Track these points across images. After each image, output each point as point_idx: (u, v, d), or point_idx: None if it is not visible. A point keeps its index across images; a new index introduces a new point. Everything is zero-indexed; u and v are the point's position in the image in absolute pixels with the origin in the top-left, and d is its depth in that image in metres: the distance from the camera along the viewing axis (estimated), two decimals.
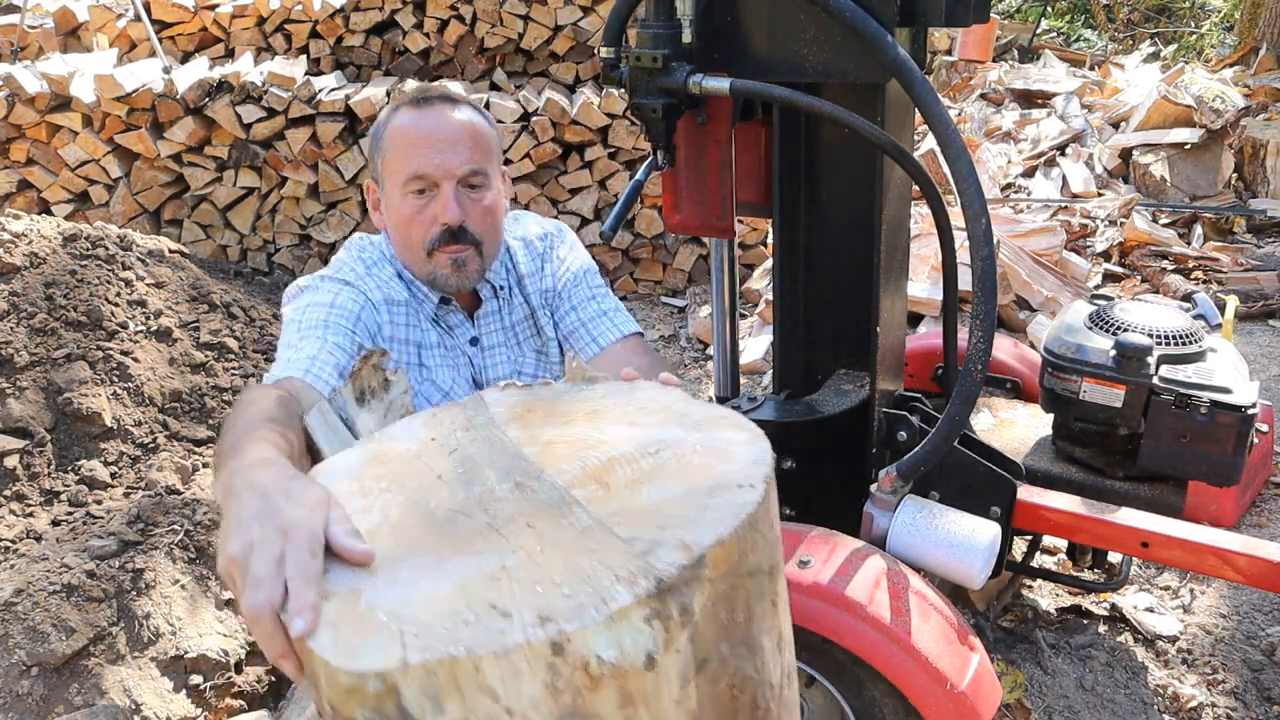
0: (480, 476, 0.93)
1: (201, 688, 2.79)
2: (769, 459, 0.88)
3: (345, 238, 5.27)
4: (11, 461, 3.14)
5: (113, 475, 3.31)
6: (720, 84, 1.63)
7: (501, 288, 1.83)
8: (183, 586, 2.90)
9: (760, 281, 4.87)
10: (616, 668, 0.73)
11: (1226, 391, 1.86)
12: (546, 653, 0.71)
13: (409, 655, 0.71)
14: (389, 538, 0.86)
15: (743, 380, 3.42)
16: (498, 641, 0.71)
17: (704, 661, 0.79)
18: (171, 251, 4.22)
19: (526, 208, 5.12)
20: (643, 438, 0.94)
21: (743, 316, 4.70)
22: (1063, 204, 5.27)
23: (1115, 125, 6.33)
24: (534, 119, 4.93)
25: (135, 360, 3.56)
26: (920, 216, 4.30)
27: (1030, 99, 7.04)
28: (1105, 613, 2.41)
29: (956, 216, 2.20)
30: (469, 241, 1.65)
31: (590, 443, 0.95)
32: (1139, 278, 4.64)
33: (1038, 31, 10.56)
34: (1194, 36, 10.70)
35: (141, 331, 3.68)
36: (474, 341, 1.84)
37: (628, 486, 0.87)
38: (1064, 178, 5.63)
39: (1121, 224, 4.97)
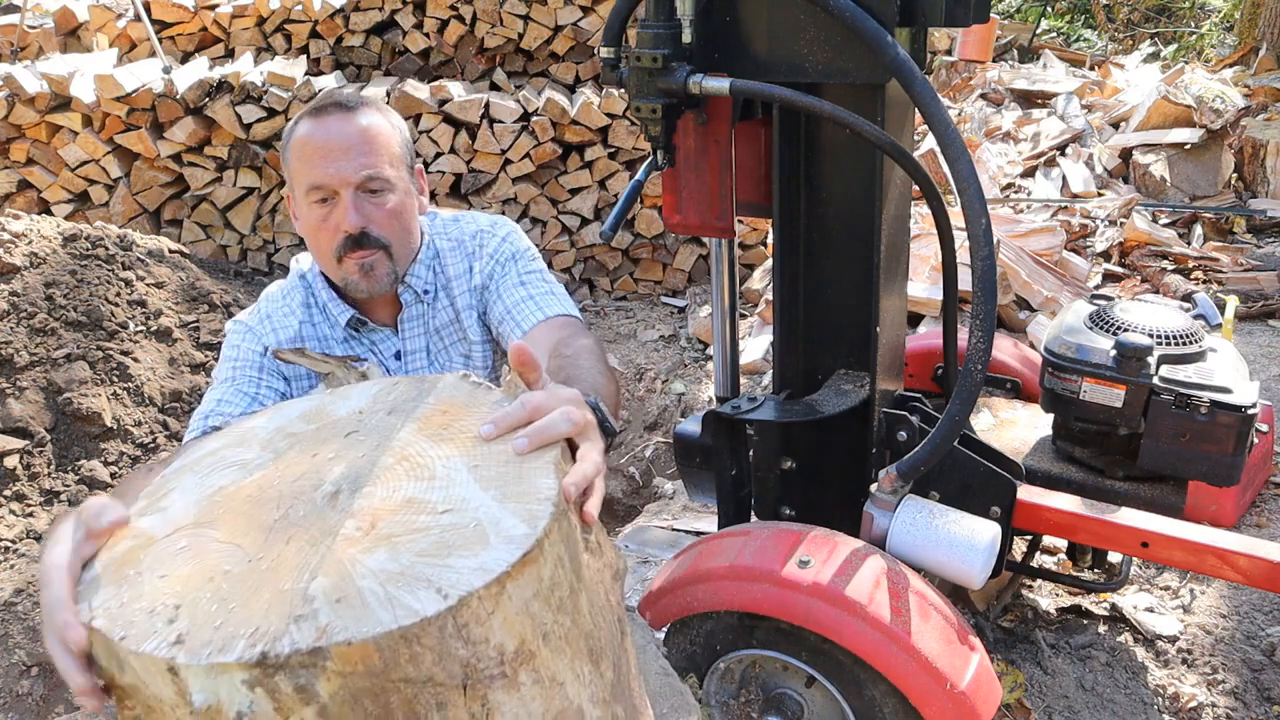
0: (333, 469, 0.98)
1: None
2: (509, 560, 0.85)
3: None
4: (11, 461, 3.13)
5: (113, 475, 3.31)
6: (720, 84, 1.63)
7: (426, 291, 1.80)
8: None
9: (760, 281, 4.87)
10: (204, 714, 0.79)
11: (1226, 391, 1.86)
12: (164, 669, 0.79)
13: (110, 631, 0.83)
14: (228, 502, 0.97)
15: (743, 380, 3.43)
16: (141, 641, 0.81)
17: None
18: (171, 251, 4.22)
19: (527, 208, 5.12)
20: (456, 489, 0.93)
21: (743, 316, 4.70)
22: (1063, 204, 5.27)
23: (1115, 125, 6.33)
24: (534, 119, 4.93)
25: (135, 360, 3.56)
26: (920, 216, 4.30)
27: (1030, 99, 7.04)
28: (1105, 613, 2.41)
29: (956, 216, 2.21)
30: (374, 246, 1.65)
31: (422, 473, 0.96)
32: (1139, 278, 4.64)
33: (1038, 31, 10.56)
34: (1194, 36, 10.70)
35: (141, 331, 3.68)
36: (397, 355, 1.83)
37: (383, 540, 0.88)
38: (1064, 178, 5.63)
39: (1121, 224, 4.97)
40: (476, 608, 0.83)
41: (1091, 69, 8.31)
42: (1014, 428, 2.29)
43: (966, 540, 1.70)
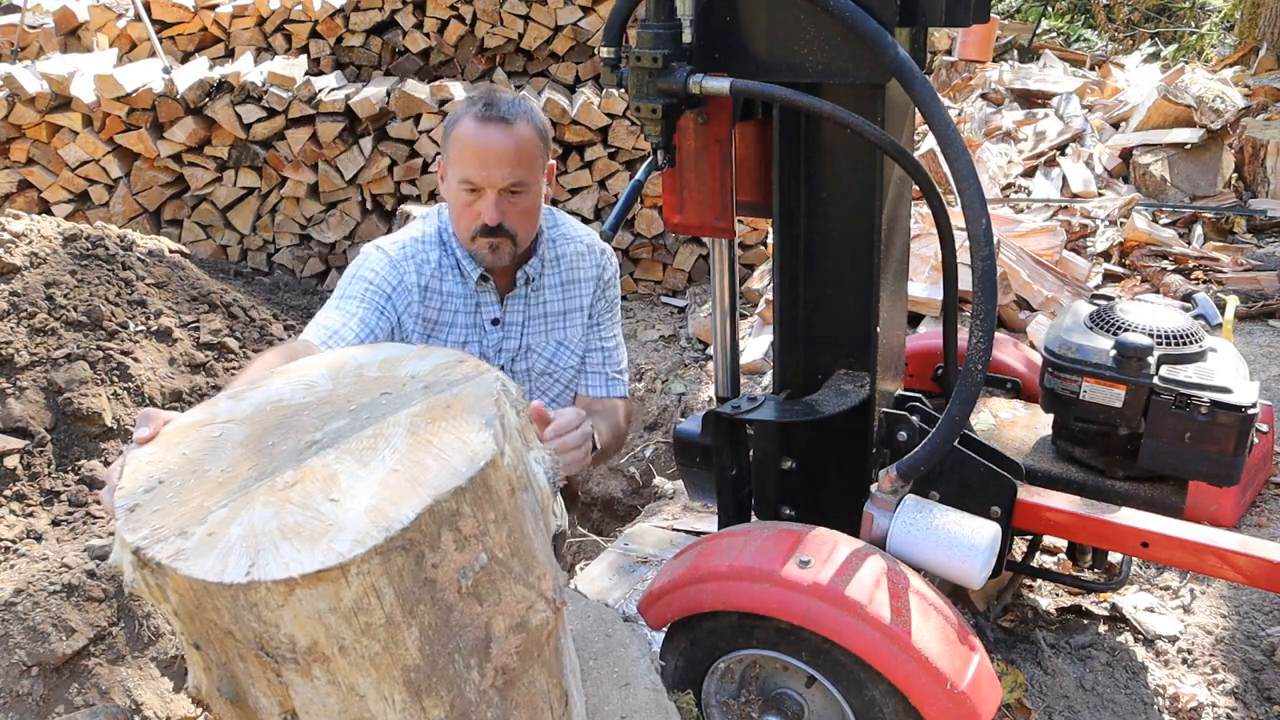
0: (337, 421, 1.11)
1: None
2: (303, 570, 0.93)
3: (345, 237, 5.27)
4: (11, 461, 3.13)
5: None
6: (720, 84, 1.63)
7: (532, 280, 2.12)
8: None
9: (760, 281, 4.87)
10: (113, 570, 1.07)
11: (1226, 391, 1.86)
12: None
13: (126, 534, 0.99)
14: (273, 413, 1.14)
15: (743, 380, 3.43)
16: (124, 497, 1.03)
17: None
18: (171, 251, 4.22)
19: None
20: (364, 484, 1.01)
21: (743, 316, 4.69)
22: (1063, 204, 5.27)
23: (1115, 125, 6.33)
24: None
25: (135, 360, 3.56)
26: (920, 216, 4.29)
27: (1030, 99, 7.04)
28: (1105, 613, 2.41)
29: (956, 216, 2.21)
30: (504, 235, 1.98)
31: (366, 456, 1.05)
32: (1139, 278, 4.64)
33: (1038, 31, 10.56)
34: (1194, 36, 10.70)
35: (141, 331, 3.68)
36: (494, 321, 2.15)
37: (283, 501, 1.00)
38: (1064, 178, 5.63)
39: (1121, 224, 4.97)
40: (266, 595, 0.92)
41: (1091, 69, 8.31)
42: (1014, 428, 2.29)
43: (966, 540, 1.69)
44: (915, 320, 4.04)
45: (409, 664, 1.00)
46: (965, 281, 2.41)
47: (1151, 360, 1.92)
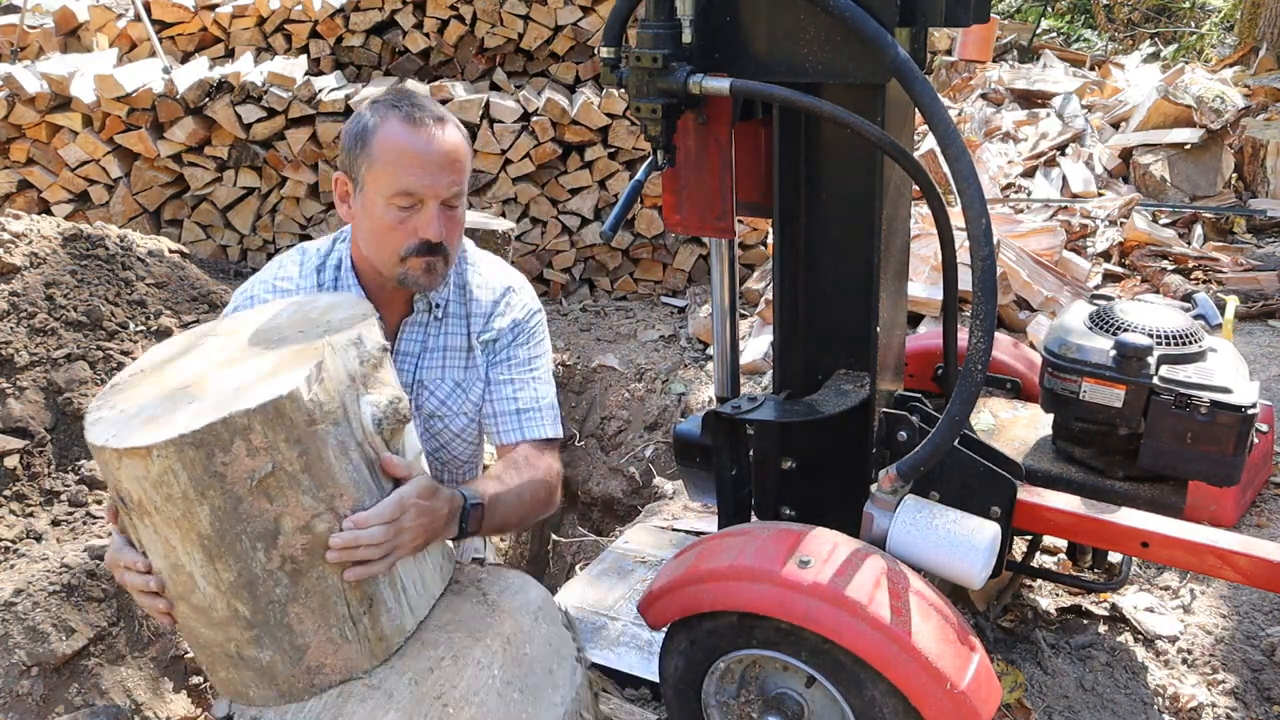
0: (257, 347, 1.44)
1: (202, 688, 2.79)
2: (123, 445, 1.27)
3: None
4: (11, 461, 3.13)
5: None
6: (720, 84, 1.63)
7: (438, 306, 1.86)
8: None
9: (760, 281, 4.87)
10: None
11: (1226, 391, 1.86)
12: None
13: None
14: (223, 335, 1.53)
15: (743, 380, 3.43)
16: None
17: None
18: (171, 251, 4.22)
19: (527, 207, 5.12)
20: (230, 379, 1.36)
21: (743, 316, 4.70)
22: (1063, 204, 5.27)
23: (1115, 125, 6.33)
24: (534, 119, 4.93)
25: (135, 360, 3.56)
26: (920, 216, 4.30)
27: (1030, 99, 7.04)
28: (1105, 613, 2.41)
29: (956, 216, 2.21)
30: (441, 252, 1.73)
31: (254, 361, 1.40)
32: (1139, 278, 4.64)
33: (1038, 31, 10.56)
34: (1194, 36, 10.70)
35: (141, 331, 3.68)
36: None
37: (192, 396, 1.34)
38: (1064, 178, 5.63)
39: (1121, 224, 4.97)
40: (108, 458, 1.28)
41: (1091, 69, 8.31)
42: (1014, 428, 2.29)
43: (966, 540, 1.69)
44: (915, 320, 4.04)
45: (203, 532, 1.31)
46: (965, 281, 2.40)
47: (1151, 360, 1.92)
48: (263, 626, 1.37)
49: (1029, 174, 5.83)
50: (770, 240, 3.93)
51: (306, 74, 5.13)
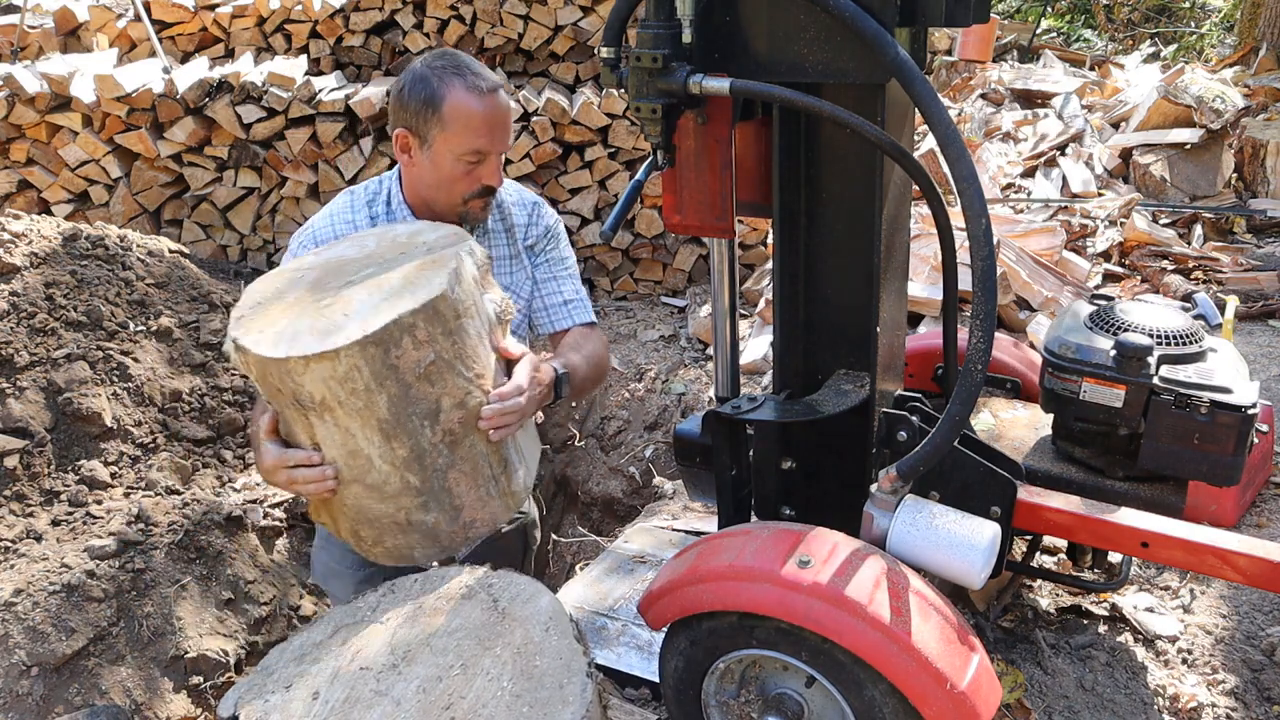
0: (366, 267, 1.70)
1: (201, 688, 2.79)
2: (313, 350, 1.52)
3: None
4: (11, 461, 3.13)
5: (113, 475, 3.31)
6: (720, 84, 1.63)
7: (478, 227, 2.20)
8: (183, 586, 2.90)
9: (760, 281, 4.87)
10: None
11: (1226, 391, 1.86)
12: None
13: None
14: (335, 263, 1.76)
15: (743, 380, 3.43)
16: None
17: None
18: (171, 251, 4.22)
19: None
20: (372, 300, 1.59)
21: (743, 316, 4.70)
22: (1063, 204, 5.27)
23: (1115, 125, 6.33)
24: (534, 119, 4.93)
25: (135, 360, 3.56)
26: (920, 216, 4.29)
27: (1030, 99, 7.04)
28: (1105, 613, 2.41)
29: (956, 216, 2.21)
30: (494, 193, 2.10)
31: (383, 287, 1.63)
32: (1139, 278, 4.64)
33: (1038, 31, 10.56)
34: (1194, 36, 10.71)
35: (141, 331, 3.68)
36: None
37: (330, 311, 1.59)
38: (1064, 178, 5.63)
39: (1121, 224, 4.97)
40: (293, 366, 1.51)
41: (1091, 69, 8.30)
42: (1014, 428, 2.29)
43: (966, 540, 1.69)
44: (915, 320, 4.04)
45: (381, 417, 1.58)
46: (965, 281, 2.41)
47: (1151, 360, 1.92)
48: (429, 493, 1.66)
49: (1029, 174, 5.83)
50: (770, 240, 3.93)
51: (306, 74, 5.13)
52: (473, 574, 1.63)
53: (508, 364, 1.78)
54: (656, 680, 1.96)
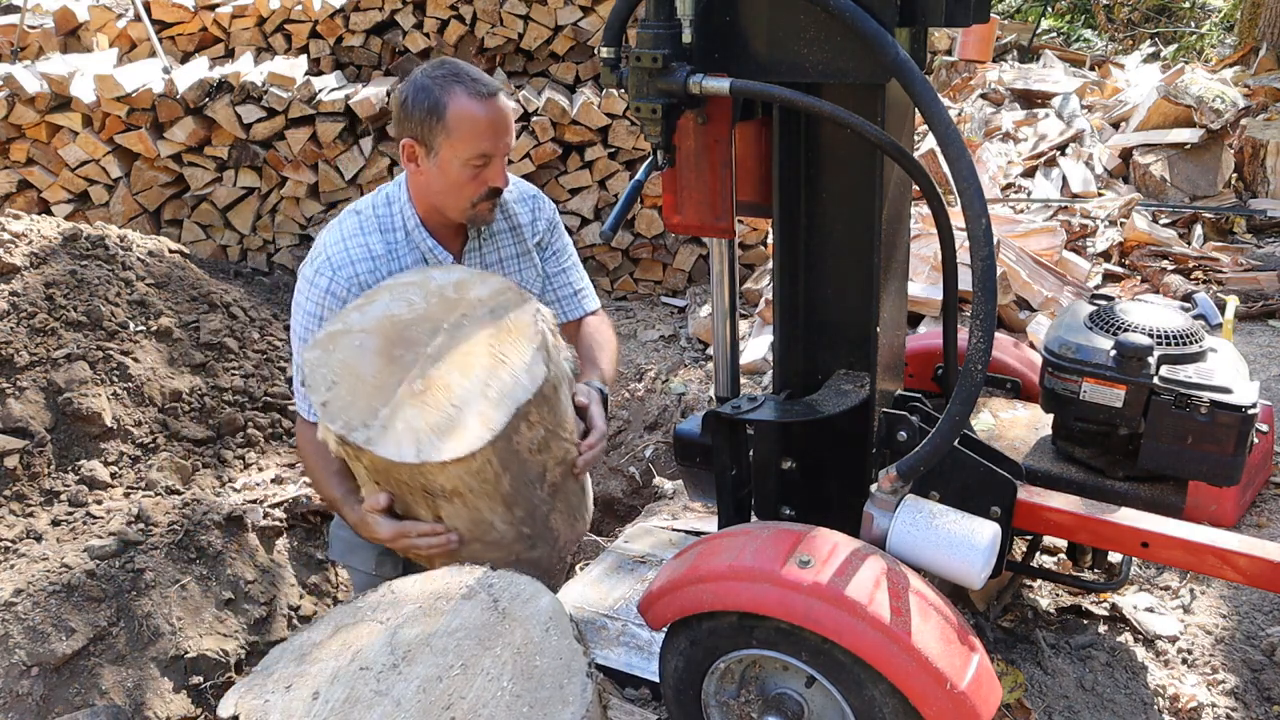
0: (437, 338, 1.79)
1: (201, 688, 2.79)
2: (454, 455, 1.64)
3: None
4: (11, 461, 3.13)
5: (113, 475, 3.31)
6: (720, 84, 1.63)
7: (484, 229, 2.24)
8: (183, 586, 2.90)
9: (760, 281, 4.87)
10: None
11: (1227, 391, 1.86)
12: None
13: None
14: (389, 325, 1.82)
15: (743, 380, 3.42)
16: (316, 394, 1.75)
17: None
18: (171, 251, 4.22)
19: None
20: (472, 386, 1.72)
21: (743, 316, 4.69)
22: (1063, 204, 5.27)
23: (1115, 125, 6.32)
24: (534, 119, 4.93)
25: (135, 360, 3.56)
26: (920, 216, 4.29)
27: (1030, 99, 7.04)
28: (1105, 613, 2.41)
29: (956, 216, 2.21)
30: (500, 194, 2.12)
31: (467, 369, 1.75)
32: (1139, 278, 4.64)
33: (1038, 31, 10.55)
34: (1194, 36, 10.71)
35: (141, 331, 3.68)
36: None
37: (424, 403, 1.70)
38: (1064, 178, 5.63)
39: (1121, 224, 4.97)
40: (431, 469, 1.64)
41: (1091, 69, 8.30)
42: (1014, 428, 2.29)
43: (966, 540, 1.69)
44: (915, 320, 4.04)
45: (505, 492, 1.74)
46: (965, 281, 2.40)
47: (1151, 360, 1.92)
48: (537, 536, 1.84)
49: (1029, 174, 5.83)
50: (770, 240, 3.93)
51: (306, 74, 5.13)
52: (473, 574, 1.63)
53: (577, 407, 1.95)
54: (656, 680, 1.96)
